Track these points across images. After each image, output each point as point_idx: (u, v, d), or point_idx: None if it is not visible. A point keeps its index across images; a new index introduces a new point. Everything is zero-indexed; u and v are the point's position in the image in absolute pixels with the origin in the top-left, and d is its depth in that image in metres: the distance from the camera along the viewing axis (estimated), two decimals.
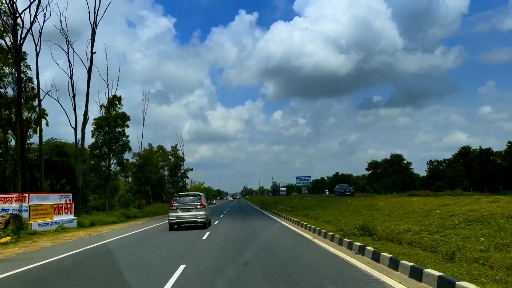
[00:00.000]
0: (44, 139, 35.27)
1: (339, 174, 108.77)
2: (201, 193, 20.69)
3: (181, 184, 75.94)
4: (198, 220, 18.35)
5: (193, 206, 18.50)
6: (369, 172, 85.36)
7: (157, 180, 66.42)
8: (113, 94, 42.59)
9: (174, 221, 18.41)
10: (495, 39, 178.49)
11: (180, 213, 18.34)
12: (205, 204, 19.32)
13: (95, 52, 34.52)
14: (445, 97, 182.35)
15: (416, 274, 6.57)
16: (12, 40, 27.29)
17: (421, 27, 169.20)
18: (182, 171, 75.53)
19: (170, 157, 74.62)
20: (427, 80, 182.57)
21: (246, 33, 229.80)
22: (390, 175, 76.37)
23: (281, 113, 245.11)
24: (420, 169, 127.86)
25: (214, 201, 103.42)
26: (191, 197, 19.33)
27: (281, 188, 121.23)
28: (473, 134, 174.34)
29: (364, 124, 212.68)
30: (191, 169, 79.09)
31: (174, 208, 18.44)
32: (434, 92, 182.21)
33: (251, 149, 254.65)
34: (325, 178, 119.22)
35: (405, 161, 79.52)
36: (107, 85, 42.32)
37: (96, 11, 34.21)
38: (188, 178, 78.17)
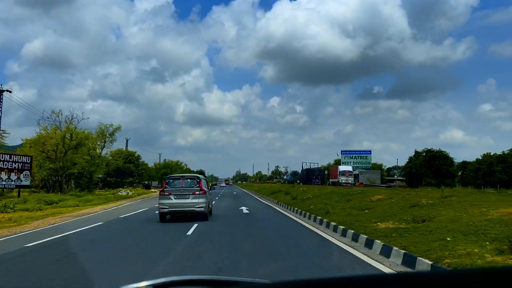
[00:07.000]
0: None
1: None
2: (200, 176, 17.02)
3: None
4: (197, 209, 14.67)
5: (190, 191, 14.83)
6: None
7: None
8: None
9: (166, 209, 14.74)
10: (508, 32, 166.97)
11: (174, 200, 14.68)
12: (205, 189, 15.67)
13: None
14: (447, 91, 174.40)
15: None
16: None
17: (430, 16, 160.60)
18: None
19: None
20: (432, 73, 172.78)
21: (248, 13, 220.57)
22: None
23: (278, 100, 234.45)
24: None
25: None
26: (188, 180, 15.71)
27: (344, 169, 53.16)
28: (469, 132, 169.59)
29: (362, 115, 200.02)
30: None
31: (167, 194, 14.79)
32: (437, 86, 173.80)
33: (245, 134, 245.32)
34: None
35: None
36: None
37: None
38: None
